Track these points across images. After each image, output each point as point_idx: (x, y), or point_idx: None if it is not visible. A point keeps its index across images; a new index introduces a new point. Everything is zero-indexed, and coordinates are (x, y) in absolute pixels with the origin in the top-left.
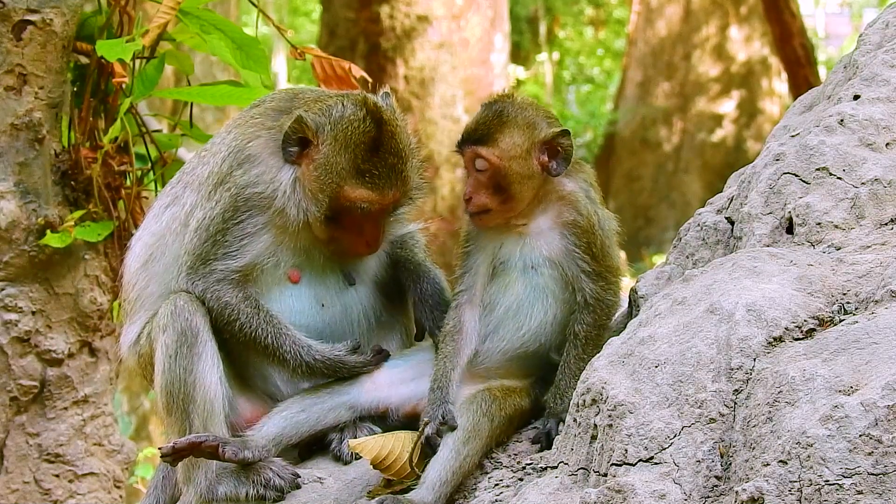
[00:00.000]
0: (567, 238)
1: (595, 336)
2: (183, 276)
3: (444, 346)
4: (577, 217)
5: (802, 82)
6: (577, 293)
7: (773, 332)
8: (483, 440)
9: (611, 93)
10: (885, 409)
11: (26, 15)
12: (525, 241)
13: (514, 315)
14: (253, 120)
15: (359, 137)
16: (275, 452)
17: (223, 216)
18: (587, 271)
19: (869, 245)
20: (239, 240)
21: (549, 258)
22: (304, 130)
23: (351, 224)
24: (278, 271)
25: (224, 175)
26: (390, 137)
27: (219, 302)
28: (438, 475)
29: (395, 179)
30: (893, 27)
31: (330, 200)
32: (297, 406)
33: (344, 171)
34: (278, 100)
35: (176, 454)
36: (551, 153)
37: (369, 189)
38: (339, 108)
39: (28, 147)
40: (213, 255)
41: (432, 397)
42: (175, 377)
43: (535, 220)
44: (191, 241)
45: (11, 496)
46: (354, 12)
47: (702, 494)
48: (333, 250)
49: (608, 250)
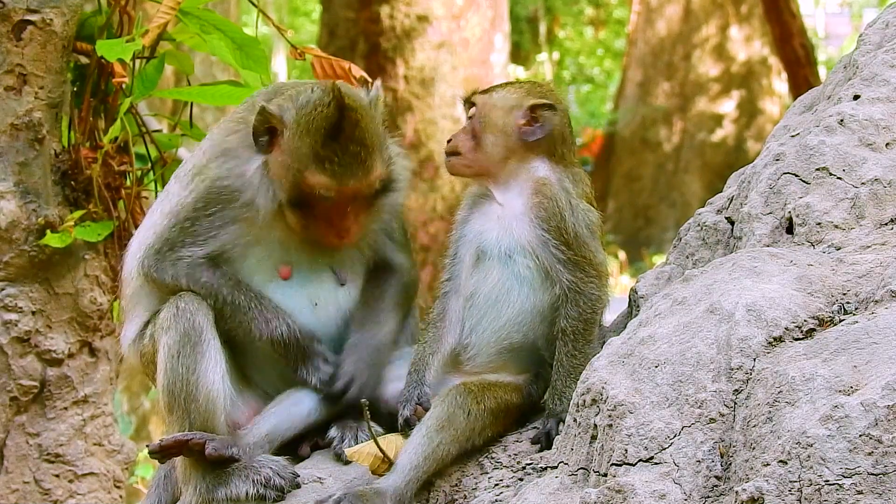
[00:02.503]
0: (536, 224)
1: (583, 331)
2: (150, 258)
3: (426, 333)
4: (543, 199)
5: (802, 82)
6: (555, 284)
7: (773, 332)
8: (458, 431)
9: (611, 93)
10: (885, 409)
11: (26, 15)
12: (502, 228)
13: (493, 304)
14: (236, 115)
15: (319, 123)
16: (269, 450)
17: (194, 205)
18: (562, 260)
19: (869, 245)
20: (206, 230)
21: (524, 246)
22: (270, 119)
23: (321, 213)
24: (265, 267)
25: (201, 167)
26: (354, 125)
27: (196, 282)
28: (410, 460)
29: (357, 168)
30: (893, 27)
31: (292, 186)
32: (288, 400)
33: (305, 156)
34: (264, 94)
35: (163, 451)
36: (532, 120)
37: (328, 176)
38: (306, 94)
39: (28, 147)
40: (181, 241)
41: (409, 380)
42: (177, 376)
43: (507, 196)
44: (160, 223)
45: (11, 496)
46: (354, 12)
47: (702, 494)
48: (311, 241)
49: (583, 240)
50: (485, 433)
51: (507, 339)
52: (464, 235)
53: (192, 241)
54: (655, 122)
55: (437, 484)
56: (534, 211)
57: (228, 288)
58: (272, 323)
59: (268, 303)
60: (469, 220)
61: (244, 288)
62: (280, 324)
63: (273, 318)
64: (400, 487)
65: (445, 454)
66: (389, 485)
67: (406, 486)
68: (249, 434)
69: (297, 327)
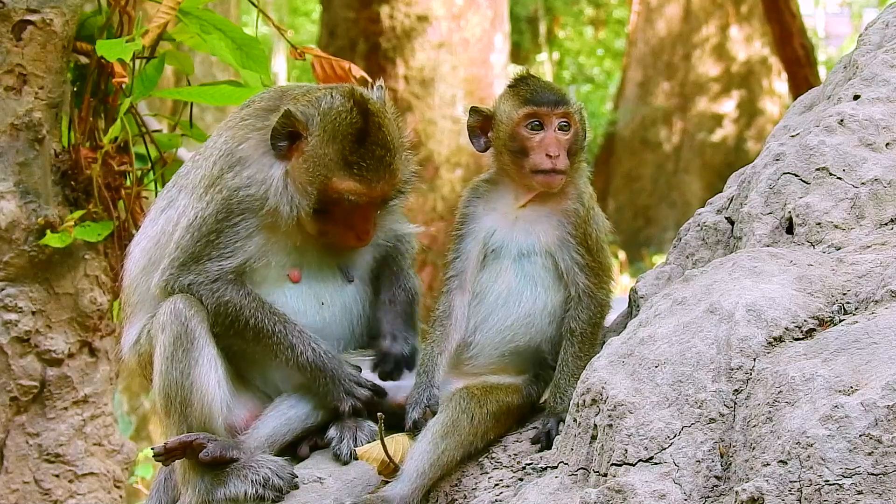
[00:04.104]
0: (564, 226)
1: (591, 334)
2: (174, 272)
3: (432, 331)
4: (579, 206)
5: (802, 82)
6: (570, 286)
7: (773, 332)
8: (462, 436)
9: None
10: (885, 409)
11: (26, 15)
12: (520, 228)
13: (503, 304)
14: (243, 122)
15: (346, 129)
16: (270, 452)
17: (216, 217)
18: (581, 264)
19: (869, 245)
20: (233, 242)
21: (544, 247)
22: (294, 124)
23: (341, 216)
24: (277, 271)
25: (215, 178)
26: (377, 129)
27: (219, 301)
28: (416, 467)
29: (384, 172)
30: (893, 27)
31: (319, 193)
32: (286, 403)
33: (332, 162)
34: (267, 99)
35: (168, 454)
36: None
37: (357, 181)
38: (327, 100)
39: (28, 147)
40: (206, 254)
41: (418, 381)
42: (172, 380)
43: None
44: (182, 237)
45: (11, 496)
46: (354, 12)
47: (702, 494)
48: (325, 244)
49: (602, 246)
50: (487, 436)
51: (512, 341)
52: (471, 231)
53: (217, 254)
54: (655, 122)
55: (437, 484)
56: (566, 215)
57: (251, 310)
58: (297, 348)
59: (292, 327)
60: (478, 217)
61: (267, 310)
62: (305, 349)
63: (298, 342)
64: (406, 496)
65: (450, 460)
66: (396, 493)
67: (412, 494)
68: (249, 439)
69: (322, 351)
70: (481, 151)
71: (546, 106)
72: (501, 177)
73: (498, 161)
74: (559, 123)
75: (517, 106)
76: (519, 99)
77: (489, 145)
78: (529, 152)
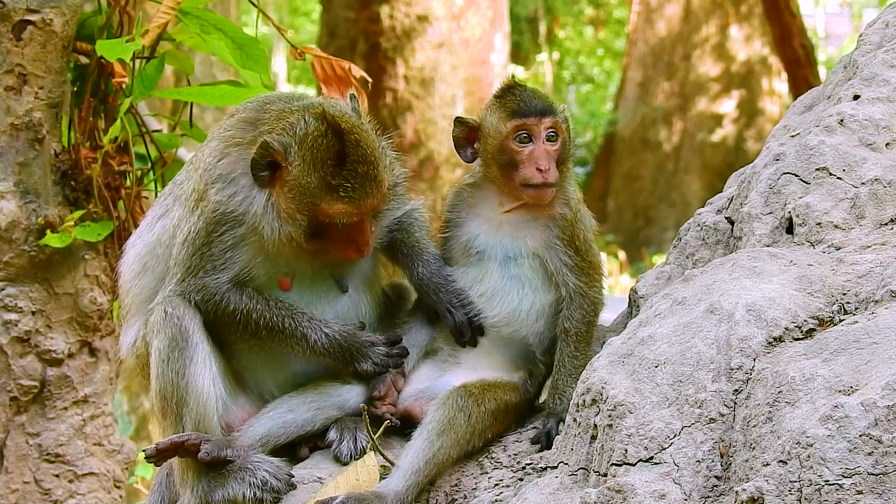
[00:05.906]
0: (551, 230)
1: (585, 332)
2: (174, 286)
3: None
4: (566, 210)
5: (802, 82)
6: (560, 287)
7: (773, 332)
8: (459, 434)
9: (611, 93)
10: (885, 409)
11: (26, 15)
12: (505, 232)
13: (487, 301)
14: (225, 133)
15: (324, 154)
16: (264, 452)
17: (206, 229)
18: (569, 265)
19: (869, 245)
20: (224, 252)
21: (531, 250)
22: (273, 154)
23: (336, 235)
24: (267, 279)
25: (201, 192)
26: (355, 146)
27: (226, 311)
28: (411, 463)
29: (370, 186)
30: (893, 27)
31: (309, 219)
32: (284, 406)
33: (317, 189)
34: (249, 110)
35: (159, 455)
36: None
37: (346, 203)
38: (301, 126)
39: (28, 147)
40: (202, 267)
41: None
42: (168, 381)
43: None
44: (179, 252)
45: (11, 496)
46: (354, 12)
47: (702, 494)
48: (322, 261)
49: (591, 245)
50: (485, 435)
51: (495, 331)
52: (455, 237)
53: (212, 266)
54: (655, 122)
55: (437, 484)
56: (552, 219)
57: (258, 312)
58: (310, 337)
59: (301, 317)
60: (461, 223)
61: (274, 307)
62: (319, 337)
63: (310, 332)
64: (401, 492)
65: (447, 458)
66: (391, 489)
67: (407, 490)
68: (244, 436)
69: (333, 330)
70: (468, 162)
71: (534, 116)
72: (486, 181)
73: (486, 172)
74: (547, 134)
75: (505, 119)
76: (506, 111)
77: (476, 156)
78: (519, 165)
